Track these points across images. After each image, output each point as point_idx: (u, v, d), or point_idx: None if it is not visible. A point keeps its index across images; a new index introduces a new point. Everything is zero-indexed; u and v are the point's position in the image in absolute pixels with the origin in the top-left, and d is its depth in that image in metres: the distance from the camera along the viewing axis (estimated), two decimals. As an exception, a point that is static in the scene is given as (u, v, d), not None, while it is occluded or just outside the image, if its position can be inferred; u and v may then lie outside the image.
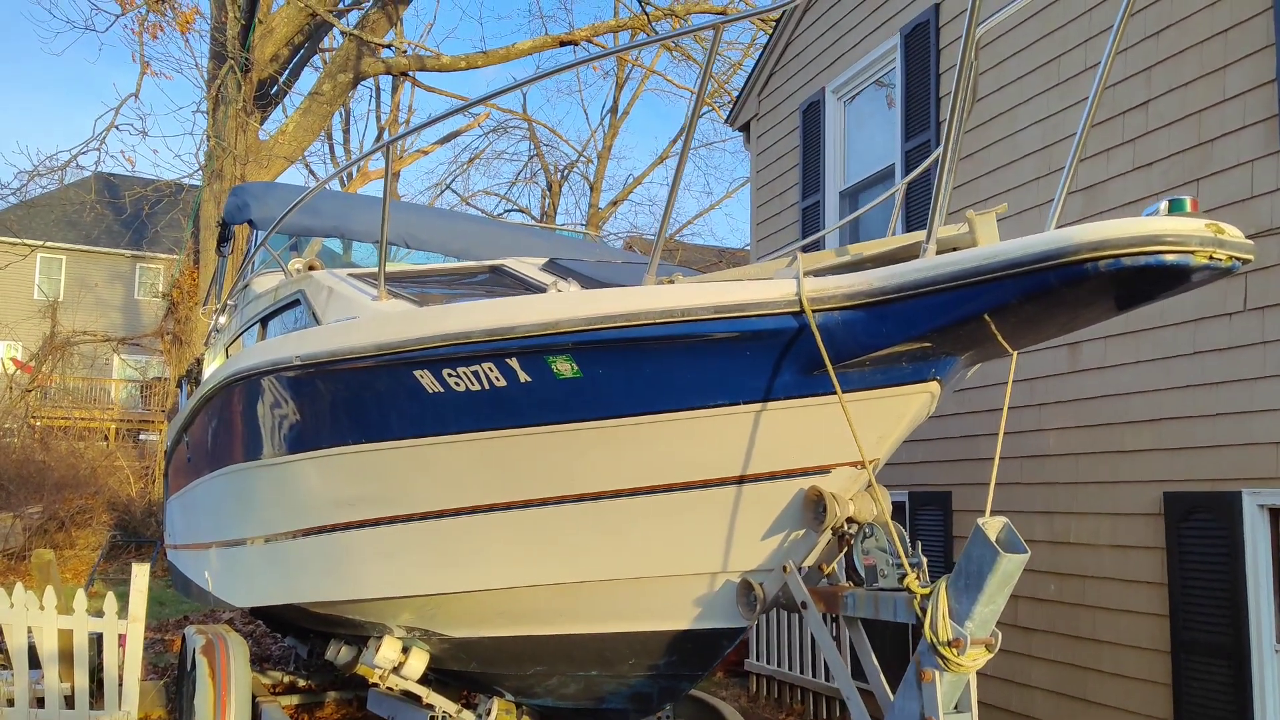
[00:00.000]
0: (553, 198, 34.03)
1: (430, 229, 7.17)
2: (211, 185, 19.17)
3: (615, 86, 33.25)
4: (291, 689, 7.78)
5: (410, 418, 4.30)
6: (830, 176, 8.84)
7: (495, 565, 4.54)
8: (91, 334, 26.24)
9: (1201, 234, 2.59)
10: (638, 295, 3.56)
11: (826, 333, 3.31)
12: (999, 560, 3.11)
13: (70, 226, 34.84)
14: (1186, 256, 2.60)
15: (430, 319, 4.03)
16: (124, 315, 36.58)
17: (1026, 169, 6.57)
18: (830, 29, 8.93)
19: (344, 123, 32.67)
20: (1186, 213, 2.62)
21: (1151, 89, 5.71)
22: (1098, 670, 5.97)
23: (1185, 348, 5.49)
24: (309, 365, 4.55)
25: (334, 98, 20.38)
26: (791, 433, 3.71)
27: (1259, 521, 5.10)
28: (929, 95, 7.54)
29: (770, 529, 3.96)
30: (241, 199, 7.11)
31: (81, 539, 16.47)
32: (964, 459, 7.07)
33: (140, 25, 18.89)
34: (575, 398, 3.85)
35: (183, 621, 12.25)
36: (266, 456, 5.43)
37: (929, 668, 3.32)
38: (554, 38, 21.01)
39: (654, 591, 4.30)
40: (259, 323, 6.20)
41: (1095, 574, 6.00)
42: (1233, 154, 5.28)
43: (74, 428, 23.41)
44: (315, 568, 5.48)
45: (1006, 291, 2.89)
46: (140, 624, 7.62)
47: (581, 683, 4.97)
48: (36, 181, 21.73)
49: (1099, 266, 2.65)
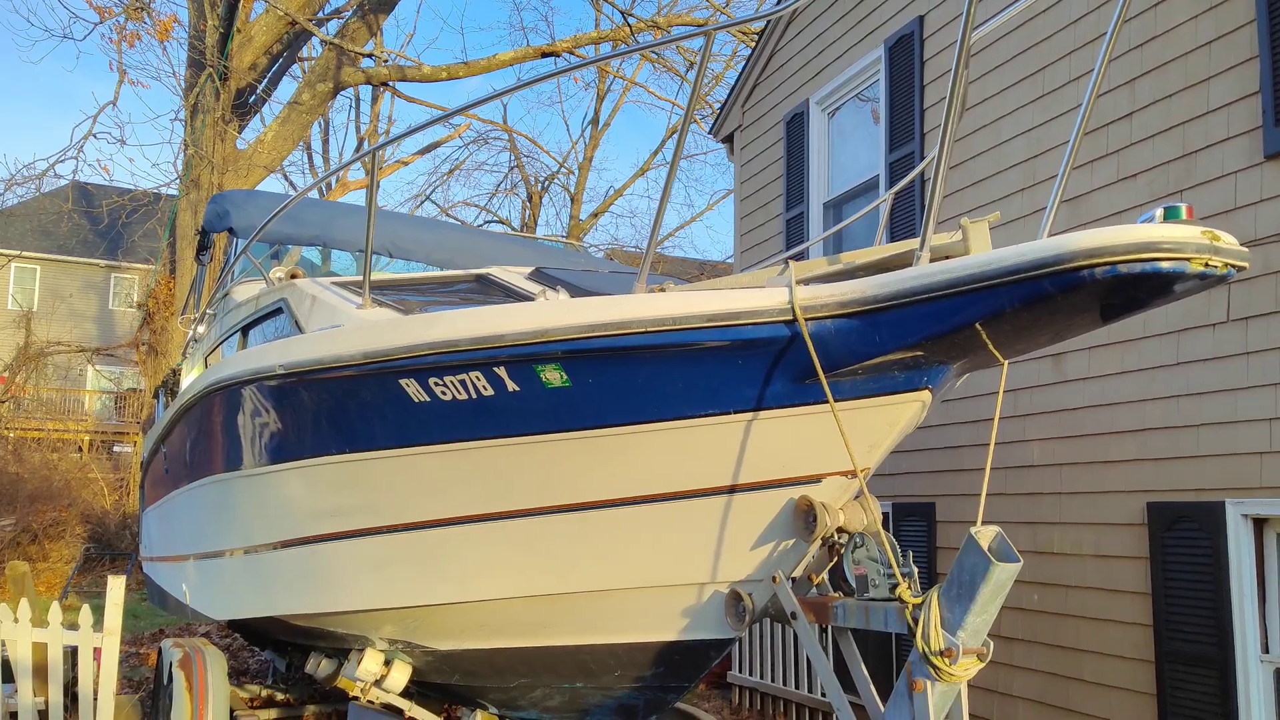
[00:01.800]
0: (533, 209, 33.98)
1: (413, 238, 7.12)
2: (189, 194, 19.03)
3: (596, 98, 33.26)
4: (269, 703, 7.65)
5: (396, 427, 4.25)
6: (814, 188, 8.86)
7: (481, 577, 4.49)
8: (66, 344, 25.96)
9: (1198, 241, 2.59)
10: (629, 303, 3.52)
11: (819, 341, 3.29)
12: (992, 569, 3.09)
13: (44, 236, 34.55)
14: (1183, 263, 2.59)
15: (417, 327, 3.99)
16: (98, 326, 36.25)
17: (1011, 180, 6.59)
18: (814, 40, 8.95)
19: (323, 133, 32.60)
20: (1182, 220, 2.61)
21: (1136, 100, 5.74)
22: (1080, 680, 5.97)
23: (1169, 359, 5.51)
24: (293, 374, 4.49)
25: (313, 107, 20.30)
26: (782, 442, 3.68)
27: (1243, 531, 5.11)
28: (913, 107, 7.56)
29: (759, 539, 3.93)
30: (222, 206, 7.03)
31: (54, 551, 16.24)
32: (947, 470, 7.07)
33: (119, 34, 18.74)
34: (564, 407, 3.81)
35: (158, 635, 12.10)
36: (247, 466, 5.36)
37: (920, 678, 3.30)
38: (536, 49, 21.00)
39: (642, 603, 4.26)
40: (239, 331, 6.12)
41: (1078, 584, 6.01)
42: (1217, 165, 5.31)
43: (48, 439, 23.12)
44: (296, 579, 5.41)
45: (1002, 299, 2.87)
46: (116, 637, 7.49)
47: (567, 695, 4.92)
48: (14, 190, 21.52)
49: (1095, 274, 2.64)
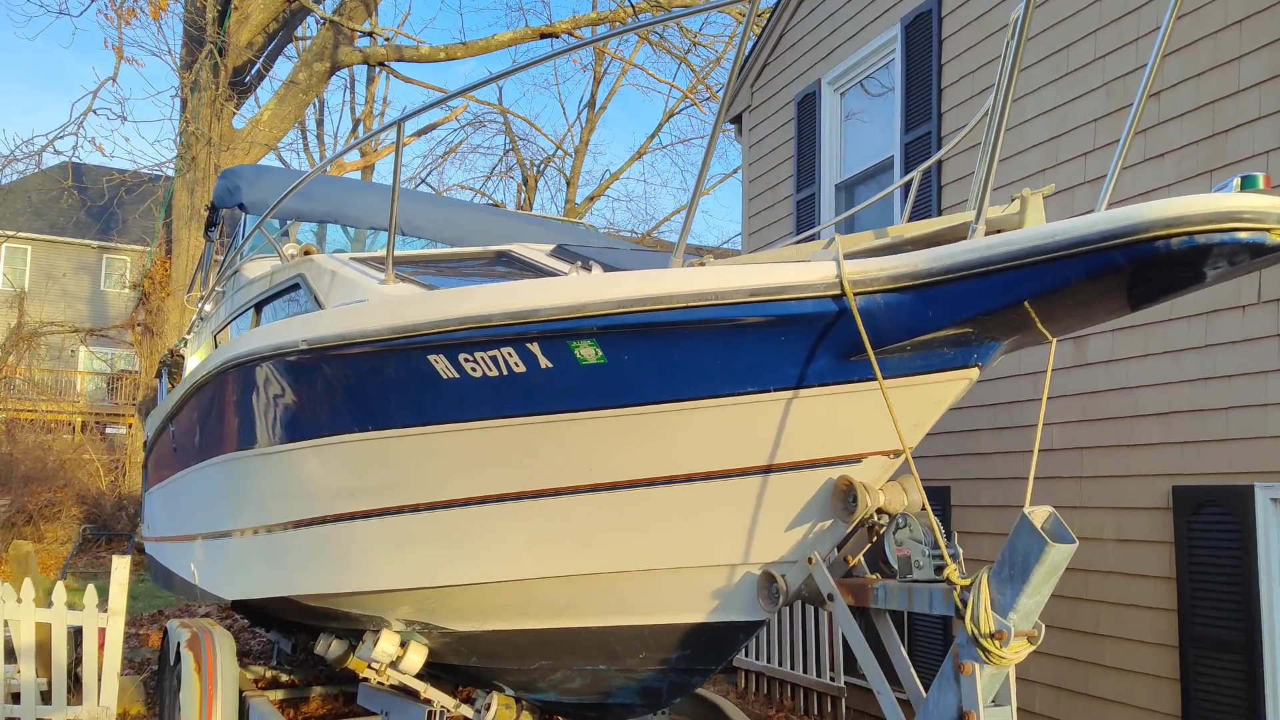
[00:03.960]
0: (529, 192, 33.77)
1: (426, 215, 7.02)
2: (185, 174, 18.86)
3: (593, 80, 33.04)
4: (274, 684, 7.61)
5: (423, 404, 4.15)
6: (826, 169, 8.77)
7: (508, 557, 4.41)
8: (59, 325, 25.76)
9: (1278, 211, 2.51)
10: (669, 277, 3.43)
11: (867, 317, 3.21)
12: (1047, 550, 3.03)
13: (36, 216, 34.25)
14: (1262, 234, 2.51)
15: (448, 301, 3.89)
16: (90, 307, 35.94)
17: (1033, 160, 6.51)
18: (827, 19, 8.85)
19: (318, 113, 32.32)
20: (1259, 189, 2.54)
21: (1165, 79, 5.66)
22: (1100, 665, 5.93)
23: (1197, 341, 5.46)
24: (316, 349, 4.39)
25: (310, 87, 20.12)
26: (823, 421, 3.60)
27: (1272, 515, 5.07)
28: (930, 87, 7.47)
29: (796, 520, 3.86)
30: (232, 182, 6.91)
31: (50, 533, 16.14)
32: (963, 453, 7.01)
33: (116, 11, 18.54)
34: (598, 384, 3.72)
35: (156, 616, 12.02)
36: (263, 444, 5.26)
37: (969, 660, 3.24)
38: (534, 29, 20.82)
39: (672, 584, 4.18)
40: (253, 308, 6.02)
41: (1099, 568, 5.96)
42: (1248, 145, 5.24)
43: (41, 420, 22.97)
44: (312, 559, 5.33)
45: (1068, 272, 2.78)
46: (120, 617, 7.44)
47: (588, 677, 4.85)
48: (13, 167, 21.30)
49: (1171, 244, 2.56)
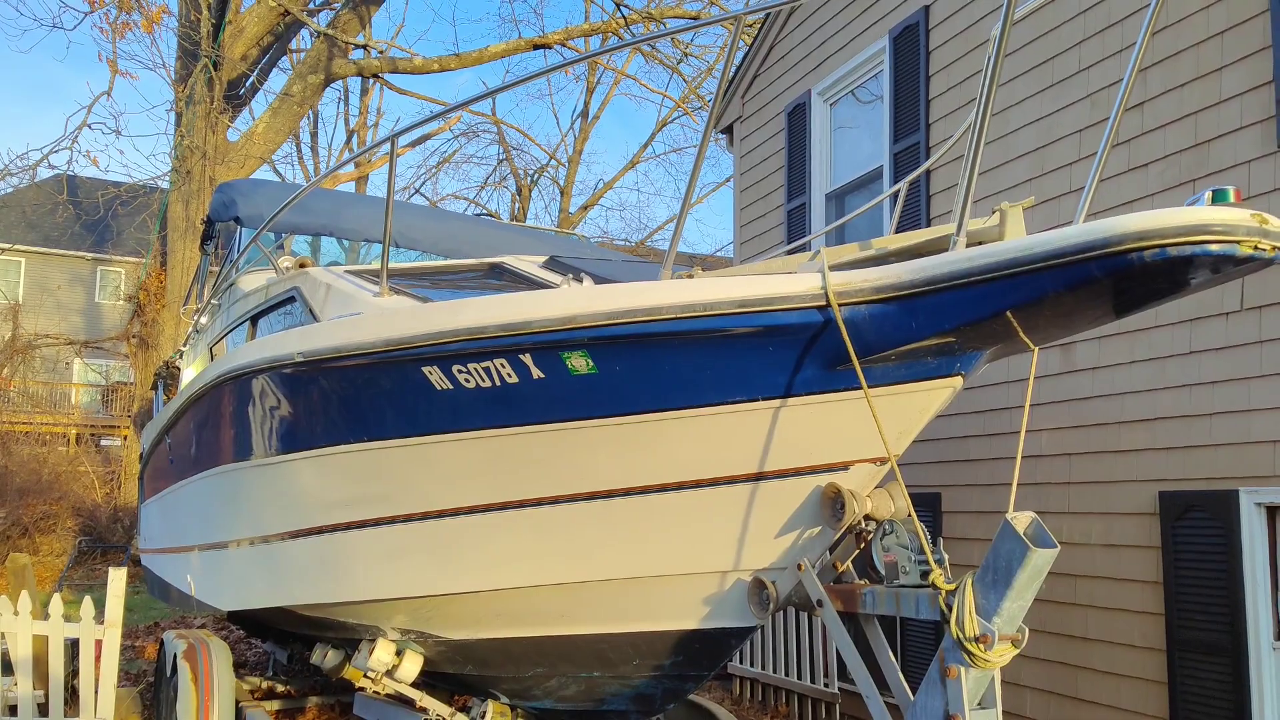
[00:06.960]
0: (522, 202, 33.84)
1: (419, 228, 7.08)
2: (180, 186, 18.90)
3: (586, 91, 33.13)
4: (270, 694, 7.64)
5: (417, 415, 4.21)
6: (816, 179, 8.85)
7: (503, 565, 4.47)
8: (54, 337, 25.75)
9: (1247, 224, 2.57)
10: (659, 289, 3.50)
11: (853, 327, 3.28)
12: (1029, 555, 3.09)
13: (30, 228, 34.23)
14: (1232, 246, 2.58)
15: (442, 314, 3.95)
16: (84, 319, 35.94)
17: (1019, 170, 6.59)
18: (816, 31, 8.94)
19: (312, 125, 32.39)
20: (1230, 202, 2.60)
21: (1147, 90, 5.75)
22: (1089, 669, 5.99)
23: (1181, 348, 5.53)
24: (311, 361, 4.45)
25: (304, 99, 20.18)
26: (811, 429, 3.67)
27: (1256, 519, 5.14)
28: (918, 97, 7.55)
29: (785, 527, 3.92)
30: (228, 196, 6.97)
31: (45, 545, 16.15)
32: (954, 460, 7.08)
33: (110, 24, 18.59)
34: (590, 394, 3.79)
35: (152, 628, 12.03)
36: (260, 456, 5.31)
37: (954, 664, 3.29)
38: (527, 41, 20.90)
39: (664, 591, 4.24)
40: (248, 321, 6.08)
41: (1087, 573, 6.02)
42: (1230, 155, 5.32)
43: (35, 432, 22.96)
44: (308, 569, 5.37)
45: (1046, 283, 2.85)
46: (118, 629, 7.45)
47: (583, 684, 4.90)
48: (7, 180, 21.34)
49: (1144, 256, 2.63)
